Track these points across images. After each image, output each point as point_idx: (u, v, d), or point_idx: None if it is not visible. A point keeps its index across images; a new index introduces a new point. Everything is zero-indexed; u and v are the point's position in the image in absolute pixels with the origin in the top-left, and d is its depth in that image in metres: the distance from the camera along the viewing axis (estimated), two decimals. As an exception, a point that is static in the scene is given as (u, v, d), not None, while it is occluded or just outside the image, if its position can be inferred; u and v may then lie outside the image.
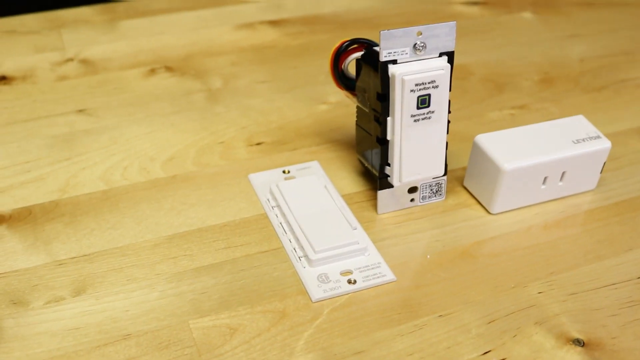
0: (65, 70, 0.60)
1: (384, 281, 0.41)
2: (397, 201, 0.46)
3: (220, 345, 0.37)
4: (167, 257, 0.42)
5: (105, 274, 0.40)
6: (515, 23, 0.72)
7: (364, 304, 0.39)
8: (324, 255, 0.41)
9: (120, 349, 0.36)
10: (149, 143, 0.51)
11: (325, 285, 0.40)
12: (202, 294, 0.40)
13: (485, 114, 0.57)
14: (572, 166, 0.46)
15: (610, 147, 0.47)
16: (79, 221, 0.44)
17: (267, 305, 0.39)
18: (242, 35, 0.67)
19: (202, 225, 0.44)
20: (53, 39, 0.64)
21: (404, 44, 0.41)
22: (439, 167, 0.45)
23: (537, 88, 0.61)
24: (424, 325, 0.38)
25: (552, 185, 0.47)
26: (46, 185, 0.47)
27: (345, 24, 0.70)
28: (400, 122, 0.42)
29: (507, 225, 0.46)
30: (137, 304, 0.39)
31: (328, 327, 0.38)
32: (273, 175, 0.48)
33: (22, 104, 0.55)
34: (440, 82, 0.42)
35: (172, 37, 0.66)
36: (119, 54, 0.62)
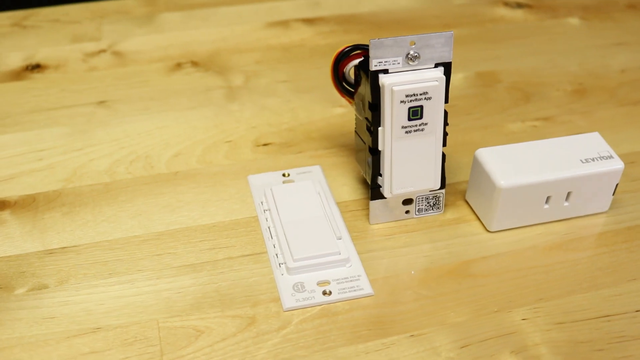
0: (96, 61, 0.62)
1: (360, 295, 0.40)
2: (391, 212, 0.45)
3: (183, 346, 0.37)
4: (152, 254, 0.43)
5: (89, 266, 0.42)
6: (560, 29, 0.68)
7: (335, 317, 0.39)
8: (303, 264, 0.41)
9: (87, 341, 0.37)
10: (159, 138, 0.52)
11: (299, 295, 0.40)
12: (177, 293, 0.40)
13: (505, 124, 0.54)
14: (579, 187, 0.44)
15: (623, 168, 0.44)
16: (76, 212, 0.46)
17: (237, 310, 0.39)
18: (274, 32, 0.67)
19: (193, 224, 0.45)
20: (92, 29, 0.66)
21: (395, 54, 0.40)
22: (433, 181, 0.44)
23: (568, 99, 0.58)
24: (392, 345, 0.37)
25: (557, 206, 0.44)
26: (54, 175, 0.49)
27: (380, 24, 0.69)
28: (391, 133, 0.41)
29: (504, 244, 0.44)
30: (113, 298, 0.40)
31: (294, 337, 0.38)
32: (272, 177, 0.48)
33: (49, 92, 0.57)
34: (433, 94, 0.40)
35: (204, 32, 0.66)
36: (150, 47, 0.64)
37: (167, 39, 0.65)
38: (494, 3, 0.73)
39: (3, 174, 0.49)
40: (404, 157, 0.42)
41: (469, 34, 0.67)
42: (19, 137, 0.52)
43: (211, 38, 0.66)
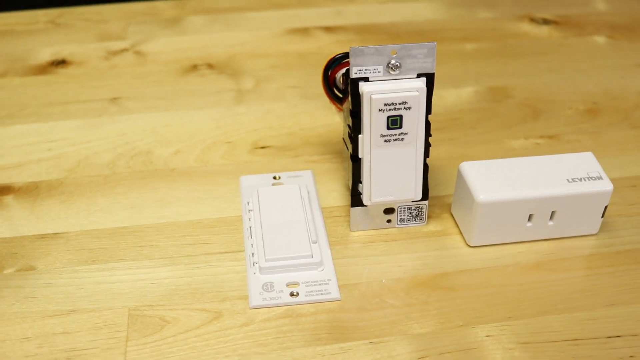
0: (117, 59, 0.64)
1: (326, 299, 0.40)
2: (372, 220, 0.45)
3: (148, 334, 0.38)
4: (135, 245, 0.44)
5: (76, 252, 0.44)
6: (584, 47, 0.67)
7: (299, 318, 0.39)
8: (274, 264, 0.42)
9: (60, 322, 0.39)
10: (162, 136, 0.54)
11: (267, 294, 0.40)
12: (152, 284, 0.42)
13: (508, 140, 0.54)
14: (564, 206, 0.43)
15: (611, 190, 0.43)
16: (73, 201, 0.48)
17: (206, 305, 0.40)
18: (292, 39, 0.68)
19: (179, 220, 0.46)
20: (119, 29, 0.69)
21: (376, 62, 0.40)
22: (413, 191, 0.43)
23: (579, 118, 0.56)
24: (349, 350, 0.38)
25: (541, 224, 0.43)
26: (59, 165, 0.51)
27: (399, 34, 0.69)
28: (370, 141, 0.41)
29: (482, 260, 0.43)
30: (91, 284, 0.41)
31: (255, 335, 0.38)
32: (262, 179, 0.49)
33: (68, 87, 0.60)
34: (412, 104, 0.40)
35: (225, 36, 0.68)
36: (171, 48, 0.66)
37: (188, 41, 0.67)
38: (520, 18, 0.72)
39: (13, 161, 0.51)
40: (383, 166, 0.42)
41: (488, 48, 0.66)
42: (34, 128, 0.55)
43: (230, 42, 0.67)
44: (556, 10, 0.73)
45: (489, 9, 0.73)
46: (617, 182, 0.49)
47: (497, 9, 0.73)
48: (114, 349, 0.38)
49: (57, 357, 0.37)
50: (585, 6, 0.74)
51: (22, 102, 0.58)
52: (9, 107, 0.57)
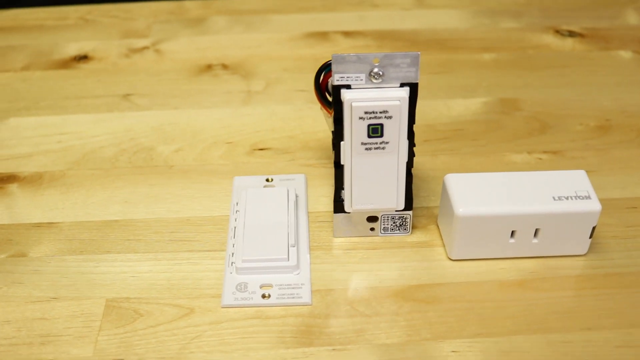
0: (137, 57, 0.66)
1: (297, 303, 0.41)
2: (355, 227, 0.45)
3: (121, 325, 0.40)
4: (123, 238, 0.46)
5: (67, 242, 0.45)
6: (607, 61, 0.65)
7: (267, 320, 0.40)
8: (250, 265, 0.42)
9: (41, 308, 0.41)
10: (166, 133, 0.55)
11: (239, 294, 0.41)
12: (133, 277, 0.43)
13: (509, 154, 0.53)
14: (548, 224, 0.42)
15: (599, 211, 0.41)
16: (72, 192, 0.50)
17: (180, 300, 0.41)
18: (310, 42, 0.68)
19: (169, 216, 0.47)
20: (143, 27, 0.71)
21: (358, 70, 0.40)
22: (395, 201, 0.43)
23: (588, 134, 0.55)
24: (311, 355, 0.38)
25: (524, 241, 0.43)
26: (65, 157, 0.53)
27: (417, 42, 0.68)
28: (351, 148, 0.42)
29: (461, 274, 0.43)
30: (75, 273, 0.43)
31: (221, 334, 0.39)
32: (255, 181, 0.50)
33: (86, 82, 0.62)
34: (394, 113, 0.40)
35: (244, 37, 0.69)
36: (189, 48, 0.67)
37: (207, 41, 0.69)
38: (545, 30, 0.70)
39: (23, 151, 0.54)
40: (364, 174, 0.42)
41: (506, 58, 0.65)
42: (47, 120, 0.57)
43: (248, 44, 0.68)
44: (585, 22, 0.71)
45: (514, 19, 0.72)
46: (617, 202, 0.48)
47: (523, 20, 0.72)
48: (86, 337, 0.39)
49: (32, 341, 0.39)
50: (616, 19, 0.71)
51: (40, 95, 0.60)
52: (27, 99, 0.60)
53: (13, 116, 0.58)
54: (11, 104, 0.59)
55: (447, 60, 0.65)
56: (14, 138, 0.55)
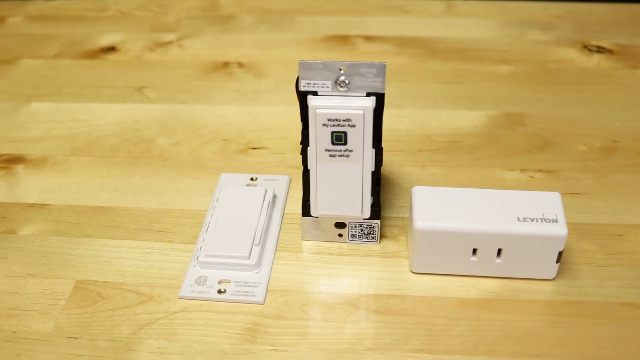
0: (160, 51, 0.69)
1: (249, 301, 0.42)
2: (323, 232, 0.46)
3: (82, 306, 0.42)
4: (104, 225, 0.48)
5: (53, 223, 0.48)
6: (632, 80, 0.62)
7: (217, 315, 0.41)
8: (211, 260, 0.43)
9: (16, 283, 0.43)
10: (169, 127, 0.57)
11: (197, 287, 0.42)
12: (105, 261, 0.45)
13: (501, 170, 0.52)
14: (511, 245, 0.41)
15: (565, 236, 0.40)
16: (69, 176, 0.52)
17: (141, 288, 0.43)
18: (329, 45, 0.69)
19: (152, 207, 0.49)
20: (173, 22, 0.74)
21: (324, 77, 0.41)
22: (360, 209, 0.43)
23: (590, 155, 0.53)
24: (251, 352, 0.39)
25: (487, 261, 0.42)
26: (71, 143, 0.56)
27: (435, 50, 0.68)
28: (316, 154, 0.42)
29: (420, 288, 0.42)
30: (54, 253, 0.45)
31: (172, 323, 0.40)
32: (240, 179, 0.51)
33: (107, 73, 0.65)
34: (357, 122, 0.40)
35: (266, 37, 0.71)
36: (211, 44, 0.69)
37: (230, 39, 0.70)
38: (573, 44, 0.68)
39: (35, 134, 0.57)
40: (328, 180, 0.43)
41: (524, 71, 0.64)
42: (63, 107, 0.60)
43: (269, 43, 0.70)
44: (618, 39, 0.68)
45: (543, 31, 0.70)
46: (603, 228, 0.46)
47: (552, 32, 0.70)
48: (50, 314, 0.41)
49: (1, 313, 0.42)
50: (652, 36, 0.68)
51: (63, 82, 0.64)
52: (50, 86, 0.63)
53: (35, 101, 0.61)
54: (35, 90, 0.63)
55: (461, 71, 0.64)
56: (30, 122, 0.59)
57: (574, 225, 0.46)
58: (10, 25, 0.74)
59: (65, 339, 0.40)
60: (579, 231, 0.46)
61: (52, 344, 0.40)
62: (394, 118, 0.58)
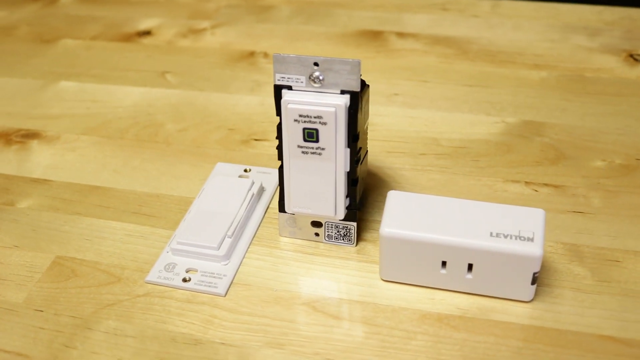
0: (193, 37, 0.70)
1: (211, 292, 0.41)
2: (300, 230, 0.45)
3: (55, 281, 0.43)
4: (94, 204, 0.49)
5: (49, 199, 0.50)
6: (674, 94, 0.57)
7: (177, 302, 0.41)
8: (182, 248, 0.43)
9: (2, 252, 0.45)
10: (180, 113, 0.58)
11: (165, 273, 0.43)
12: (86, 239, 0.46)
13: (504, 182, 0.49)
14: (482, 261, 0.38)
15: (539, 257, 0.37)
16: (75, 155, 0.54)
17: (112, 268, 0.44)
18: (360, 40, 0.68)
19: (144, 190, 0.50)
20: (211, 9, 0.75)
21: (298, 72, 0.40)
22: (333, 209, 0.42)
23: (606, 172, 0.49)
24: (199, 343, 0.38)
25: (457, 275, 0.40)
26: (86, 123, 0.58)
27: (467, 51, 0.65)
28: (289, 150, 0.41)
29: (386, 296, 0.41)
30: (43, 228, 0.47)
31: (133, 306, 0.41)
32: (234, 169, 0.51)
33: (137, 56, 0.67)
34: (328, 120, 0.39)
35: (298, 29, 0.70)
36: (242, 34, 0.70)
37: (262, 29, 0.70)
38: (617, 52, 0.63)
39: (55, 112, 0.59)
40: (301, 177, 0.42)
41: (556, 79, 0.60)
42: (87, 87, 0.63)
43: (299, 35, 0.69)
44: (672, 48, 0.63)
45: (588, 37, 0.66)
46: (600, 252, 0.43)
47: (598, 39, 0.65)
48: (24, 285, 0.43)
49: (-19, 280, 0.44)
50: None
51: (94, 64, 0.66)
52: (81, 66, 0.66)
53: (64, 80, 0.64)
54: (67, 69, 0.65)
55: (489, 74, 0.61)
56: (54, 100, 0.61)
57: (569, 246, 0.43)
58: (60, 5, 0.78)
59: (32, 311, 0.41)
60: (573, 253, 0.43)
61: (19, 315, 0.41)
62: (404, 118, 0.56)
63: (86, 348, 0.39)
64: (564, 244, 0.43)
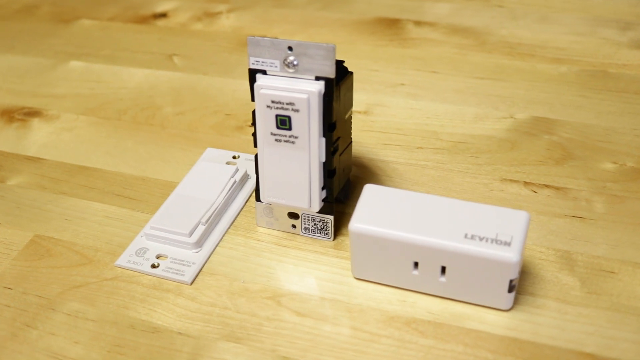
0: (207, 20, 0.69)
1: (177, 279, 0.40)
2: (277, 221, 0.43)
3: (30, 259, 0.43)
4: (80, 184, 0.49)
5: (40, 177, 0.49)
6: None
7: (142, 288, 0.40)
8: (154, 233, 0.42)
9: (-21, 228, 0.46)
10: (180, 97, 0.57)
11: (135, 258, 0.42)
12: (65, 220, 0.46)
13: (500, 181, 0.46)
14: (455, 264, 0.36)
15: (515, 263, 0.34)
16: (72, 134, 0.54)
17: (86, 250, 0.43)
18: (374, 27, 0.65)
19: (131, 172, 0.49)
20: (231, -5, 0.74)
21: (272, 56, 0.38)
22: (307, 201, 0.40)
23: (615, 176, 0.45)
24: (156, 331, 0.37)
25: (430, 277, 0.37)
26: (87, 103, 0.58)
27: (484, 43, 0.61)
28: (263, 137, 0.39)
29: (355, 295, 0.39)
30: (28, 206, 0.47)
31: (98, 289, 0.40)
32: (223, 155, 0.50)
33: (150, 38, 0.66)
34: (301, 107, 0.37)
35: (313, 15, 0.68)
36: (257, 19, 0.68)
37: (277, 15, 0.69)
38: (649, 47, 0.59)
39: (60, 91, 0.59)
40: (275, 166, 0.40)
41: (576, 73, 0.56)
42: (95, 67, 0.62)
43: (314, 22, 0.67)
44: None
45: (618, 32, 0.61)
46: (595, 261, 0.40)
47: (629, 34, 0.61)
48: None
49: (-41, 255, 0.44)
50: None
51: (105, 44, 0.66)
52: (93, 47, 0.66)
53: (74, 60, 0.64)
54: (79, 49, 0.66)
55: (504, 67, 0.58)
56: (61, 79, 0.61)
57: (561, 253, 0.40)
58: (84, -14, 0.78)
59: (2, 288, 0.41)
60: (564, 260, 0.40)
61: (-12, 291, 0.41)
62: (406, 110, 0.53)
63: (45, 329, 0.38)
64: (556, 250, 0.40)
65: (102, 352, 0.37)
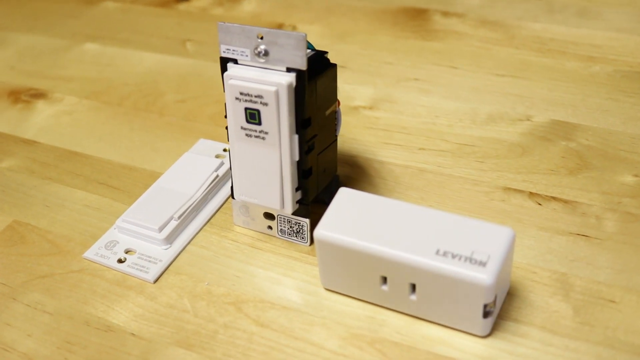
0: (228, 5, 0.66)
1: (140, 276, 0.38)
2: (253, 221, 0.40)
3: (2, 246, 0.42)
4: (68, 170, 0.47)
5: (31, 161, 0.49)
6: None
7: (104, 283, 0.38)
8: (126, 226, 0.41)
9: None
10: (185, 84, 0.55)
11: (104, 251, 0.40)
12: (46, 206, 0.44)
13: (502, 190, 0.41)
14: (425, 282, 0.32)
15: (489, 286, 0.31)
16: (71, 118, 0.53)
17: (59, 239, 0.42)
18: (399, 18, 0.61)
19: (119, 161, 0.48)
20: (257, -20, 0.71)
21: (243, 44, 0.35)
22: (278, 201, 0.37)
23: (633, 191, 0.40)
24: (110, 331, 0.36)
25: (399, 294, 0.34)
26: (93, 86, 0.57)
27: (513, 37, 0.57)
28: (233, 131, 0.37)
29: (317, 307, 0.36)
30: (12, 190, 0.46)
31: (61, 280, 0.39)
32: (213, 147, 0.47)
33: (168, 22, 0.65)
34: (269, 101, 0.34)
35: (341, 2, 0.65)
36: (281, 6, 0.66)
37: (299, 1, 0.66)
38: (699, 47, 0.52)
39: (69, 74, 0.59)
40: (245, 163, 0.37)
41: (609, 74, 0.51)
42: (108, 50, 0.61)
43: (338, 10, 0.64)
44: None
45: (667, 28, 0.55)
46: (595, 287, 0.35)
47: (679, 30, 0.55)
48: (-26, 247, 0.42)
49: (-62, 236, 0.43)
50: None
51: (123, 27, 0.65)
52: (111, 29, 0.65)
53: (90, 42, 0.63)
54: (97, 31, 0.65)
55: (529, 64, 0.53)
56: (74, 61, 0.60)
57: (558, 276, 0.36)
58: (114, -32, 0.77)
59: (-31, 274, 0.40)
60: (560, 284, 0.35)
61: (-44, 277, 0.40)
62: (413, 107, 0.50)
63: (2, 319, 0.37)
64: (552, 272, 0.36)
65: (52, 348, 0.35)
